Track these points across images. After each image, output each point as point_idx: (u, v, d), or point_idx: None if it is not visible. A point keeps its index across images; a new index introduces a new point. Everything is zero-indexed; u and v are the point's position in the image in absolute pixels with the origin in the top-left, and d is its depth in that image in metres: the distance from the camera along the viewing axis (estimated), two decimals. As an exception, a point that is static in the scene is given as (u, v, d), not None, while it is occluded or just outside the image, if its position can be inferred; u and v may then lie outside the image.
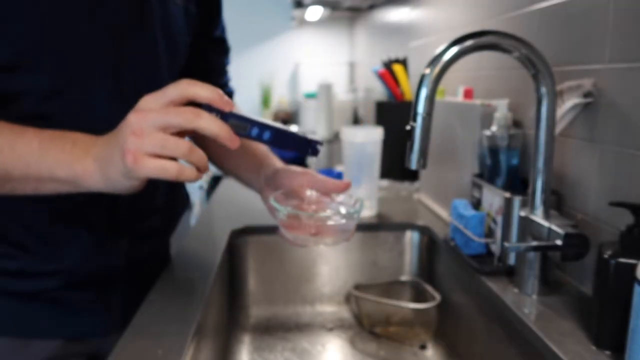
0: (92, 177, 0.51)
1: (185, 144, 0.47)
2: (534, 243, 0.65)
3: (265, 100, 3.17)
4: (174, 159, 0.48)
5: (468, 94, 1.06)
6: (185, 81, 0.49)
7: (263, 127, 0.51)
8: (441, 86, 0.92)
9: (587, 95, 0.68)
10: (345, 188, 0.65)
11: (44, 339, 0.65)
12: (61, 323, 0.66)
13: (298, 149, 0.55)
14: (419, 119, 0.62)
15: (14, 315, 0.64)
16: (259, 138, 0.52)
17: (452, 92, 1.17)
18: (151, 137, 0.46)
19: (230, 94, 1.00)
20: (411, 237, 1.05)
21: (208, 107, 0.49)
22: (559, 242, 0.61)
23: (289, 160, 0.88)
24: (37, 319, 0.65)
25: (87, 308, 0.68)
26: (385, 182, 1.41)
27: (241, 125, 0.51)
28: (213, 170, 0.86)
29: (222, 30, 0.95)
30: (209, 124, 0.47)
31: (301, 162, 1.47)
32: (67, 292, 0.66)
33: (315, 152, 0.56)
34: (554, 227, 0.62)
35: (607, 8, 0.65)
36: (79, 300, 0.67)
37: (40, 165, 0.51)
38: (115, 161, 0.48)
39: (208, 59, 0.93)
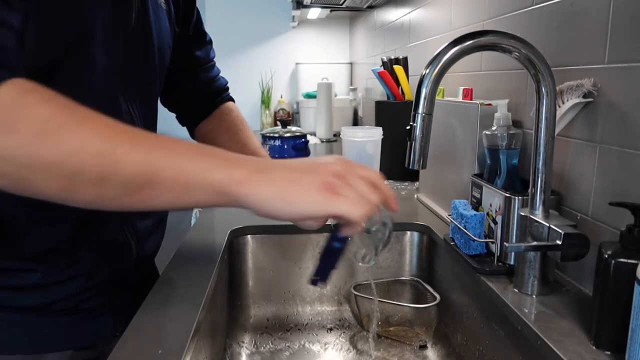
0: (254, 189, 0.48)
1: (377, 199, 0.51)
2: (534, 243, 0.65)
3: (265, 100, 3.17)
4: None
5: (468, 94, 1.06)
6: (379, 175, 0.53)
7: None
8: (441, 86, 0.93)
9: (587, 95, 0.68)
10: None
11: (57, 351, 0.65)
12: (73, 333, 0.66)
13: None
14: (419, 119, 0.62)
15: (28, 331, 0.63)
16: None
17: (452, 92, 1.17)
18: (351, 190, 0.49)
19: (223, 86, 1.00)
20: (411, 237, 1.05)
21: None
22: (558, 242, 0.61)
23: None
24: (50, 333, 0.64)
25: (96, 314, 0.68)
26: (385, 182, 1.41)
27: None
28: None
29: (200, 23, 0.95)
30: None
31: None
32: (77, 300, 0.66)
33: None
34: (554, 227, 0.62)
35: (607, 8, 0.65)
36: (88, 307, 0.67)
37: (194, 168, 0.47)
38: (303, 189, 0.48)
39: (191, 54, 0.93)
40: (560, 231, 0.61)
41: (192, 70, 0.95)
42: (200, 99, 0.97)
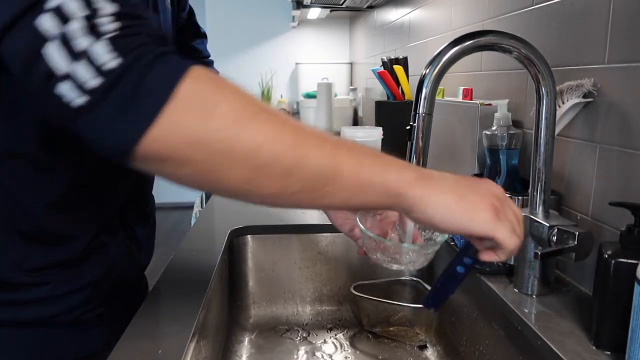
0: (425, 192, 0.47)
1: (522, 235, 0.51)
2: (552, 248, 0.63)
3: (265, 100, 3.17)
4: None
5: (468, 94, 1.06)
6: (520, 213, 0.53)
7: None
8: (441, 86, 0.93)
9: (587, 95, 0.68)
10: None
11: None
12: (74, 344, 0.65)
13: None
14: (419, 119, 0.62)
15: (28, 345, 0.62)
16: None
17: (452, 92, 1.17)
18: (512, 217, 0.50)
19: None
20: (411, 237, 1.04)
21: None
22: (572, 242, 0.61)
23: None
24: (51, 346, 0.64)
25: (95, 324, 0.68)
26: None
27: None
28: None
29: (194, 14, 0.95)
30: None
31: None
32: (80, 312, 0.65)
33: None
34: (566, 228, 0.62)
35: (607, 8, 0.65)
36: (89, 318, 0.67)
37: (373, 166, 0.47)
38: (471, 204, 0.49)
39: (190, 46, 0.94)
40: (574, 232, 0.61)
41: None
42: None
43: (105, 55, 0.38)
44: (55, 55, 0.38)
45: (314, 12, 2.69)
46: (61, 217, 0.60)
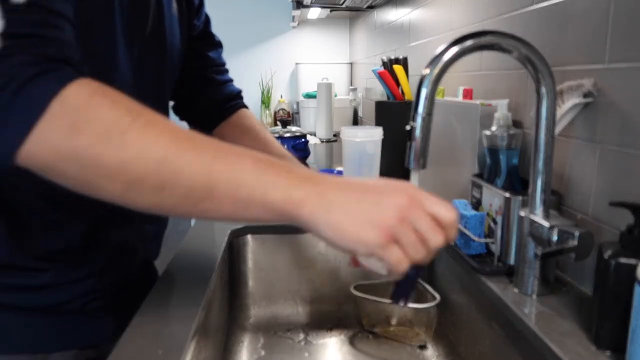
0: (312, 212, 0.47)
1: (425, 254, 0.48)
2: (553, 248, 0.63)
3: (265, 100, 3.17)
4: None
5: (468, 94, 1.06)
6: (452, 211, 0.49)
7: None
8: (441, 86, 0.93)
9: (587, 95, 0.68)
10: None
11: (63, 351, 0.65)
12: (79, 333, 0.66)
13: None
14: (419, 119, 0.62)
15: (35, 331, 0.63)
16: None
17: (452, 92, 1.17)
18: (411, 235, 0.47)
19: (238, 92, 1.01)
20: (411, 237, 1.04)
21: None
22: (573, 242, 0.61)
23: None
24: (56, 333, 0.65)
25: (101, 314, 0.68)
26: (385, 182, 1.41)
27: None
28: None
29: (208, 24, 0.96)
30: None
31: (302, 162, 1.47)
32: (84, 301, 0.66)
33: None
34: (566, 228, 0.62)
35: (607, 8, 0.65)
36: (93, 307, 0.67)
37: (255, 185, 0.46)
38: (360, 223, 0.46)
39: (203, 55, 0.94)
40: (574, 232, 0.61)
41: (206, 72, 0.96)
42: (216, 102, 0.97)
43: None
44: None
45: (314, 12, 2.69)
46: (59, 204, 0.61)
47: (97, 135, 0.42)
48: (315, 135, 2.51)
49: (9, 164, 0.42)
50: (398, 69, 1.51)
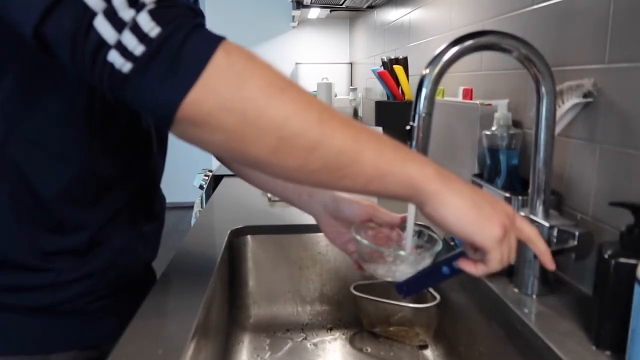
0: (439, 191, 0.49)
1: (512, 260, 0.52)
2: (553, 248, 0.63)
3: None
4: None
5: (468, 94, 1.06)
6: (537, 233, 0.54)
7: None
8: (441, 86, 0.93)
9: (587, 95, 0.68)
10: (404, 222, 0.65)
11: (62, 351, 0.65)
12: (79, 333, 0.66)
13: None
14: (419, 119, 0.62)
15: (35, 331, 0.63)
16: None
17: (452, 92, 1.17)
18: (513, 242, 0.51)
19: None
20: (411, 237, 1.04)
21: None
22: (572, 242, 0.61)
23: None
24: (56, 333, 0.64)
25: (101, 315, 0.68)
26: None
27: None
28: (214, 168, 0.86)
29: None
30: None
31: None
32: (85, 301, 0.66)
33: None
34: (566, 228, 0.62)
35: (607, 8, 0.65)
36: (93, 308, 0.67)
37: (394, 157, 0.48)
38: (484, 216, 0.49)
39: None
40: (574, 232, 0.61)
41: None
42: None
43: (147, 26, 0.41)
44: (105, 26, 0.41)
45: (314, 12, 2.69)
46: (69, 205, 0.61)
47: (261, 88, 0.43)
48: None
49: (173, 113, 0.42)
50: (398, 69, 1.51)
